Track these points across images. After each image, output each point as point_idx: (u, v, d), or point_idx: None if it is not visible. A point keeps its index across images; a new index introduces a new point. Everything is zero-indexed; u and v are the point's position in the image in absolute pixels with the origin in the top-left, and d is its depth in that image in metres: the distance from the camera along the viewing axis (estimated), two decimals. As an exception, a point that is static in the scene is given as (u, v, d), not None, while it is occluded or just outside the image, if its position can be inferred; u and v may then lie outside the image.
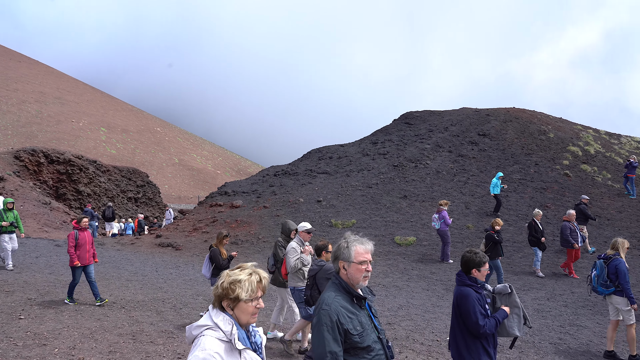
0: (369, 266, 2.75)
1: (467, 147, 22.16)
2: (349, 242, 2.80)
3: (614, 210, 16.53)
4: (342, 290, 2.74)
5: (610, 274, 6.45)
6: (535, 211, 12.37)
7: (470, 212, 16.64)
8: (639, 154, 25.38)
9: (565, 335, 7.68)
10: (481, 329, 3.74)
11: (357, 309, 2.72)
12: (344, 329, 2.57)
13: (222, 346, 2.14)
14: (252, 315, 2.28)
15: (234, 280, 2.24)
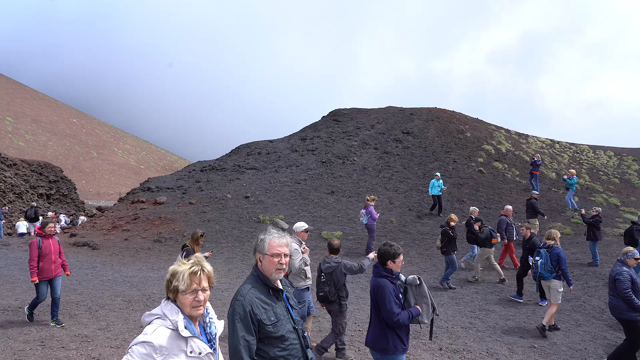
0: (282, 259, 2.82)
1: (392, 144, 23.02)
2: (265, 235, 2.88)
3: (521, 204, 18.00)
4: (259, 281, 2.82)
5: (552, 261, 7.41)
6: (471, 208, 12.53)
7: (394, 207, 17.33)
8: (543, 153, 27.90)
9: (475, 320, 8.29)
10: (395, 316, 3.96)
11: (273, 300, 2.81)
12: (258, 319, 2.66)
13: (167, 333, 2.21)
14: (193, 308, 2.31)
15: (173, 272, 2.33)
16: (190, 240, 7.55)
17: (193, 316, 2.35)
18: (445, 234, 10.61)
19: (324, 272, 6.17)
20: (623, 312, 5.88)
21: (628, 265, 6.01)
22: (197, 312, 2.35)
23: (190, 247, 7.40)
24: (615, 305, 6.00)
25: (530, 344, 7.20)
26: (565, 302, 9.51)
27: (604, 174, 27.17)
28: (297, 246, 6.40)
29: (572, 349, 7.07)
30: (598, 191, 22.21)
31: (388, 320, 4.01)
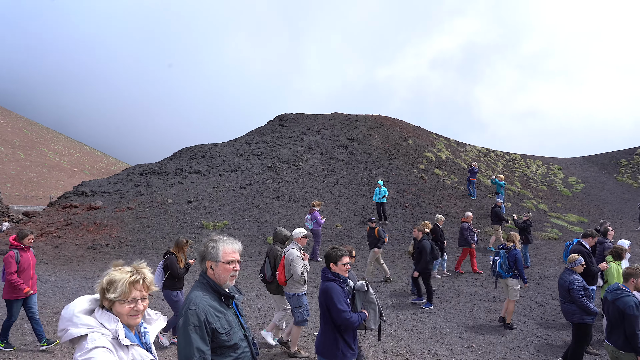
0: (237, 265, 2.76)
1: (337, 150, 23.28)
2: (217, 242, 2.78)
3: (458, 209, 18.79)
4: (210, 289, 2.72)
5: (510, 261, 8.05)
6: (437, 216, 12.46)
7: (339, 212, 17.49)
8: (480, 161, 29.35)
9: (417, 322, 8.51)
10: (346, 314, 4.00)
11: (224, 307, 2.73)
12: (212, 327, 2.57)
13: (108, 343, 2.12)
14: (131, 317, 2.24)
15: (110, 279, 2.23)
16: (175, 247, 7.06)
17: (131, 325, 2.27)
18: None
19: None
20: (576, 316, 6.25)
21: (577, 272, 6.37)
22: (135, 321, 2.27)
23: (174, 254, 6.93)
24: (568, 310, 6.33)
25: (469, 343, 7.49)
26: (500, 302, 10.01)
27: (533, 182, 29.00)
28: (299, 252, 6.40)
29: (506, 347, 7.42)
30: (528, 197, 23.65)
31: (340, 320, 4.03)
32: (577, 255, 6.52)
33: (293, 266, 6.28)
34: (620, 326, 4.85)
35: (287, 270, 6.32)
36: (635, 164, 36.60)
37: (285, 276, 6.35)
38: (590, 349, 7.31)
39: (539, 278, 11.92)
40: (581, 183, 31.91)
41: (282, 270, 6.36)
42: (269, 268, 6.81)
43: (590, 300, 6.25)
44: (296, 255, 6.33)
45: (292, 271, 6.29)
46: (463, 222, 12.55)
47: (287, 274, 6.32)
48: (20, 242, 6.59)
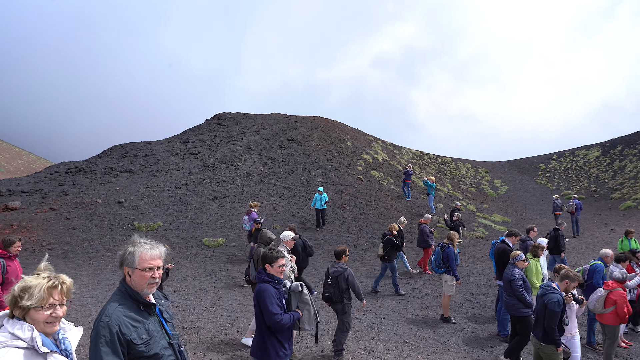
0: (156, 273, 2.59)
1: (276, 150, 23.18)
2: (135, 246, 2.59)
3: (394, 210, 19.38)
4: (127, 297, 2.56)
5: (444, 258, 8.58)
6: (401, 219, 12.62)
7: (278, 213, 17.42)
8: (414, 164, 30.47)
9: (354, 320, 8.66)
10: (277, 317, 3.97)
11: (144, 316, 2.57)
12: (127, 339, 2.41)
13: (20, 354, 2.01)
14: (48, 324, 2.13)
15: (23, 286, 2.10)
16: None
17: (47, 333, 2.14)
18: (389, 242, 10.79)
19: (331, 276, 6.57)
20: (517, 309, 6.67)
21: (519, 267, 6.87)
22: (52, 329, 2.14)
23: None
24: (510, 304, 6.76)
25: (403, 339, 7.74)
26: (432, 298, 10.45)
27: (463, 184, 30.58)
28: (287, 254, 6.45)
29: (437, 341, 7.75)
30: (458, 199, 24.89)
31: (270, 321, 4.00)
32: (519, 252, 7.09)
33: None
34: (543, 320, 5.20)
35: None
36: (552, 168, 39.71)
37: None
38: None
39: (467, 275, 12.57)
40: (505, 185, 34.12)
41: None
42: (254, 269, 6.90)
43: (529, 293, 6.72)
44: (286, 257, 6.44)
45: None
46: (422, 224, 12.99)
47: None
48: (6, 250, 5.97)
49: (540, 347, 5.29)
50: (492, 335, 8.19)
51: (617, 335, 7.05)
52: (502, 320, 7.97)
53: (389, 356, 6.90)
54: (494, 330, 8.39)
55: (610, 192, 28.44)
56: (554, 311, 5.05)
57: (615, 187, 28.99)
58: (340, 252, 6.69)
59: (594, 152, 39.33)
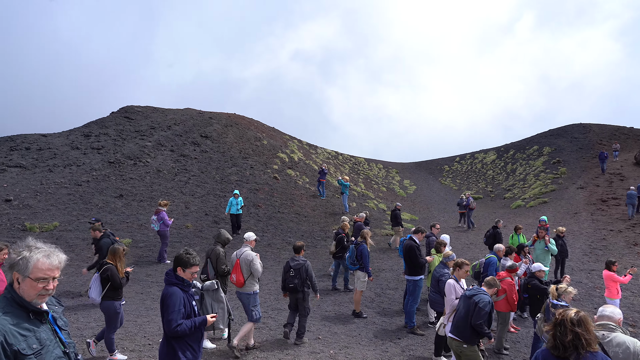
0: (50, 284, 2.37)
1: (189, 147, 22.34)
2: (31, 251, 2.34)
3: (309, 208, 19.62)
4: (14, 305, 2.31)
5: (357, 255, 8.84)
6: (343, 217, 12.78)
7: (190, 212, 16.79)
8: (329, 163, 31.08)
9: (268, 319, 8.62)
10: (174, 325, 3.78)
11: (35, 324, 2.34)
12: (14, 350, 2.19)
13: None
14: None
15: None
16: (111, 257, 6.30)
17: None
18: (341, 241, 10.91)
19: (293, 268, 7.12)
20: (439, 305, 7.21)
21: (448, 267, 7.34)
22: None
23: (111, 264, 6.21)
24: (434, 299, 7.36)
25: (316, 336, 7.84)
26: (344, 294, 10.73)
27: (375, 183, 31.84)
28: (254, 253, 6.83)
29: (349, 336, 7.97)
30: (371, 198, 25.87)
31: (167, 329, 3.80)
32: (451, 251, 7.74)
33: (253, 265, 6.72)
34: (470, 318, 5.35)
35: (245, 271, 6.69)
36: (455, 170, 42.81)
37: (244, 277, 6.66)
38: (417, 330, 8.27)
39: (378, 271, 13.09)
40: (414, 185, 36.14)
41: (239, 271, 6.67)
42: (212, 268, 7.21)
43: None
44: (254, 256, 6.78)
45: (252, 270, 6.71)
46: (357, 222, 13.27)
47: (246, 273, 6.68)
48: None
49: (462, 350, 5.40)
50: (400, 327, 8.61)
51: (507, 321, 7.77)
52: (409, 312, 8.40)
53: (301, 353, 6.95)
54: (401, 322, 8.82)
55: (503, 192, 31.31)
56: (485, 310, 5.33)
57: (508, 188, 31.98)
58: (299, 247, 7.31)
59: (490, 156, 43.05)
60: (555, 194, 26.50)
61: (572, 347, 2.83)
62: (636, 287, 11.75)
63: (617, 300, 8.94)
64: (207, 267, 7.27)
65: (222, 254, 7.35)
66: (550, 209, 23.13)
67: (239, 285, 6.74)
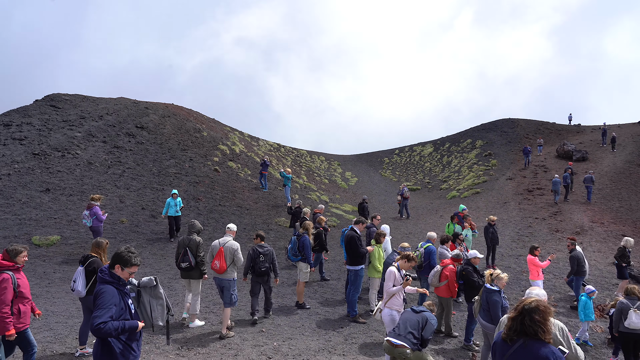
0: None
1: (123, 138, 21.27)
2: None
3: (251, 201, 19.39)
4: None
5: (300, 247, 8.93)
6: (305, 210, 13.22)
7: (125, 206, 16.02)
8: (271, 155, 30.84)
9: (210, 314, 8.44)
10: (97, 320, 3.54)
11: None
12: None
13: None
14: None
15: None
16: (95, 250, 6.29)
17: None
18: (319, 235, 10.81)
19: (263, 254, 7.86)
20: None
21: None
22: None
23: (97, 257, 6.21)
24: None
25: (259, 329, 7.79)
26: (288, 286, 10.73)
27: (317, 176, 32.03)
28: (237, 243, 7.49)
29: (292, 327, 7.99)
30: (313, 190, 26.01)
31: (93, 326, 3.53)
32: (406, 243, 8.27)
33: (237, 254, 7.36)
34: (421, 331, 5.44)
35: (228, 259, 7.28)
36: (394, 162, 44.03)
37: (226, 264, 7.25)
38: (359, 319, 8.45)
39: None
40: (355, 177, 36.75)
41: (223, 258, 7.25)
42: (192, 256, 7.62)
43: None
44: (238, 245, 7.46)
45: (235, 258, 7.34)
46: (317, 213, 13.44)
47: (229, 261, 7.29)
48: (12, 261, 5.25)
49: (406, 356, 5.27)
50: (343, 316, 8.75)
51: (450, 306, 8.14)
52: (351, 302, 8.55)
53: (245, 347, 6.87)
54: (344, 312, 8.97)
55: (440, 183, 32.65)
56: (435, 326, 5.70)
57: (444, 180, 33.38)
58: (264, 236, 8.19)
59: (427, 149, 44.68)
60: (486, 184, 28.02)
61: (532, 333, 2.92)
62: (557, 270, 12.72)
63: (539, 282, 9.71)
64: (187, 255, 7.63)
65: (201, 242, 7.84)
66: (482, 199, 24.45)
67: (221, 272, 7.27)
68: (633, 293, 7.27)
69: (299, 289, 9.23)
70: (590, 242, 15.61)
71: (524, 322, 2.93)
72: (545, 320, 2.92)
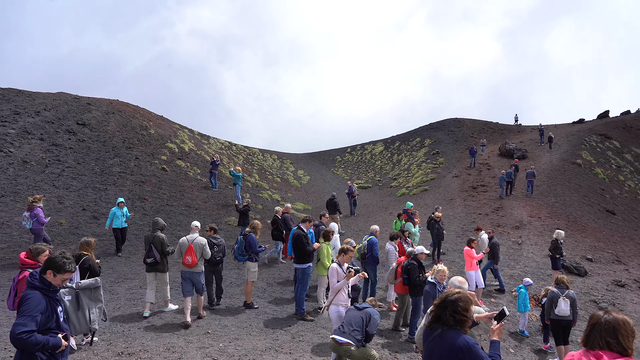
0: None
1: (63, 135, 20.19)
2: None
3: (200, 200, 18.98)
4: None
5: (247, 246, 8.84)
6: (277, 208, 13.44)
7: (64, 207, 15.22)
8: (222, 154, 30.33)
9: (154, 317, 8.17)
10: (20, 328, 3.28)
11: None
12: None
13: None
14: None
15: None
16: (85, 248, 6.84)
17: None
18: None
19: (217, 245, 8.71)
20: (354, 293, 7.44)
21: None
22: None
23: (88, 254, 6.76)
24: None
25: (205, 330, 7.64)
26: (236, 286, 10.59)
27: (270, 174, 31.83)
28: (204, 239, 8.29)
29: (239, 327, 7.89)
30: (265, 188, 25.82)
31: (14, 335, 3.26)
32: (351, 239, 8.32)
33: (205, 248, 8.11)
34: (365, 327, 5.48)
35: (198, 253, 7.99)
36: (346, 160, 44.53)
37: (197, 258, 7.95)
38: (307, 317, 8.48)
39: (270, 261, 13.13)
40: (307, 176, 36.84)
41: (193, 254, 7.93)
42: (157, 252, 8.18)
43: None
44: (205, 241, 8.22)
45: (204, 253, 8.09)
46: (284, 213, 13.27)
47: (199, 255, 8.01)
48: (35, 260, 5.30)
49: (351, 353, 5.35)
50: (291, 315, 8.74)
51: (405, 302, 8.33)
52: (299, 300, 8.57)
53: (189, 349, 6.71)
54: (292, 310, 8.96)
55: (390, 181, 33.36)
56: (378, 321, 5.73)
57: (394, 177, 34.13)
58: (217, 228, 9.16)
59: (378, 147, 45.51)
60: (434, 182, 28.92)
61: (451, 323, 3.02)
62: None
63: (473, 273, 10.27)
64: (152, 251, 8.19)
65: (165, 238, 8.40)
66: (430, 196, 25.21)
67: (192, 266, 7.95)
68: (562, 282, 7.74)
69: (247, 289, 9.14)
70: (529, 235, 16.48)
71: (445, 312, 3.05)
72: (466, 311, 3.04)
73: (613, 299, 11.62)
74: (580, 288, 12.07)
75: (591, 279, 13.04)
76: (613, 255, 15.41)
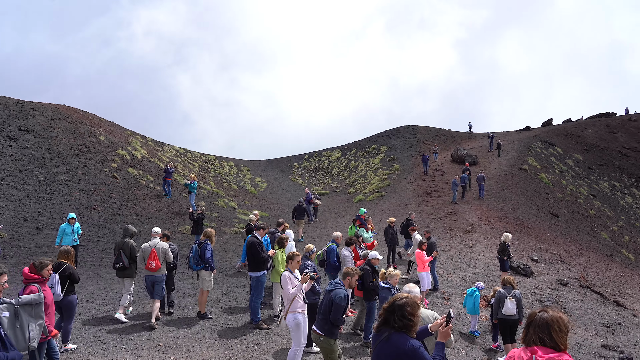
0: None
1: (3, 142, 19.08)
2: None
3: (153, 209, 18.43)
4: None
5: (201, 255, 8.65)
6: (254, 212, 13.22)
7: (4, 218, 14.35)
8: (177, 161, 29.63)
9: (101, 332, 7.83)
10: None
11: None
12: None
13: None
14: None
15: None
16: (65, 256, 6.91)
17: None
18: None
19: (172, 252, 8.80)
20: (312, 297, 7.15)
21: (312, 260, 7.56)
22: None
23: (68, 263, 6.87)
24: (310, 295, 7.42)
25: (155, 343, 7.38)
26: (190, 297, 10.33)
27: (226, 182, 31.36)
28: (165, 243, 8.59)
29: (192, 339, 7.68)
30: (221, 196, 25.40)
31: None
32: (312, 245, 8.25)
33: (167, 252, 8.45)
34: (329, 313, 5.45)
35: (161, 258, 8.27)
36: (304, 167, 44.61)
37: (160, 262, 8.23)
38: (262, 325, 8.39)
39: (225, 269, 12.91)
40: (265, 183, 36.58)
41: (157, 258, 8.21)
42: (126, 258, 8.44)
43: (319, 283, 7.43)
44: (166, 245, 8.52)
45: (166, 256, 8.44)
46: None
47: (162, 259, 8.29)
48: (39, 274, 5.47)
49: (319, 342, 5.45)
50: (246, 324, 8.61)
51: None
52: (253, 308, 8.45)
53: (138, 364, 6.47)
54: (247, 319, 8.83)
55: (347, 187, 33.68)
56: (340, 305, 5.44)
57: (351, 184, 34.50)
58: (170, 235, 9.24)
59: (336, 154, 45.90)
60: (390, 188, 29.46)
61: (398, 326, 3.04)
62: (450, 266, 13.73)
63: (424, 274, 10.68)
64: (121, 257, 8.44)
65: (134, 245, 8.67)
66: (386, 202, 25.65)
67: (155, 270, 8.20)
68: (509, 283, 8.07)
69: (201, 299, 8.91)
70: (479, 238, 17.07)
71: (393, 316, 3.09)
72: (412, 316, 3.09)
73: (557, 297, 12.21)
74: (526, 288, 12.61)
75: (537, 278, 13.66)
76: (557, 256, 16.20)
